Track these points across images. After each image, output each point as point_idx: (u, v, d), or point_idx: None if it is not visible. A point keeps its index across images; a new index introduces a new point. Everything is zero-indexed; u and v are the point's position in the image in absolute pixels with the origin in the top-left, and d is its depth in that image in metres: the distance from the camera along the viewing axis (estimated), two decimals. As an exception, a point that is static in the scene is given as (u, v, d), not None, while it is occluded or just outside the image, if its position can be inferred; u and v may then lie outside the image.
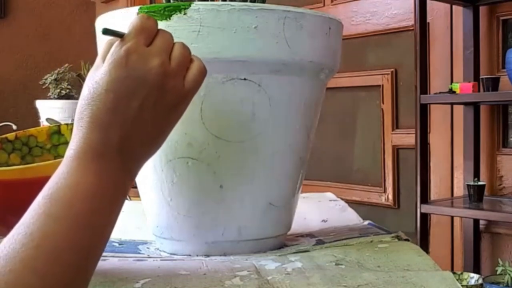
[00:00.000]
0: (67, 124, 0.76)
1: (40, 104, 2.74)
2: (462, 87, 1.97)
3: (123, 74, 0.50)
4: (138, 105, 0.51)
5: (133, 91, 0.50)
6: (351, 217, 0.95)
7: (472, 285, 1.82)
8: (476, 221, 2.14)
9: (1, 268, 0.42)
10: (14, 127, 2.31)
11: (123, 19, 0.66)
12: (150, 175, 0.70)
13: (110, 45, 0.53)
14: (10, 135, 0.73)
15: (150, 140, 0.53)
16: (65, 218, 0.46)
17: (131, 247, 0.76)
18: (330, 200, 1.07)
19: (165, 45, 0.53)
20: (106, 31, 0.52)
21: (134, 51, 0.51)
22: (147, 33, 0.53)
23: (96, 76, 0.51)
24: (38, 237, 0.44)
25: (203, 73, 0.55)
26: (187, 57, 0.54)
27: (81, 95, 0.51)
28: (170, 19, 0.63)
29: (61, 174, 0.48)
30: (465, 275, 1.89)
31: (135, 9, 0.65)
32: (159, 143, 0.54)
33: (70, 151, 0.50)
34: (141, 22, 0.53)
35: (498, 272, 1.95)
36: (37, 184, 0.56)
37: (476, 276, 1.87)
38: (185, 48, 0.55)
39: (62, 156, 0.75)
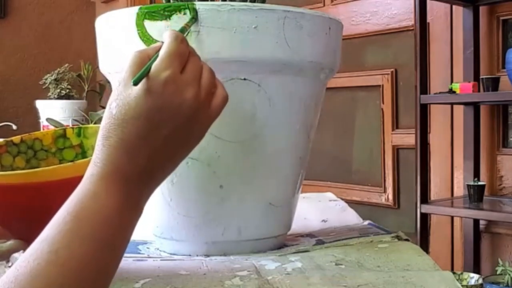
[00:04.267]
0: (72, 128, 0.76)
1: (40, 104, 2.74)
2: (462, 87, 1.97)
3: (158, 104, 0.50)
4: (167, 134, 0.51)
5: (165, 121, 0.51)
6: (351, 217, 0.95)
7: (472, 285, 1.82)
8: (476, 221, 2.14)
9: (26, 284, 0.43)
10: (14, 127, 2.31)
11: (123, 19, 0.66)
12: (150, 175, 0.70)
13: (140, 60, 0.52)
14: (16, 138, 0.73)
15: (169, 164, 0.54)
16: (92, 239, 0.47)
17: (131, 247, 0.76)
18: (330, 200, 1.07)
19: (197, 72, 0.53)
20: (137, 82, 0.50)
21: (172, 82, 0.51)
22: (182, 58, 0.53)
23: (128, 97, 0.51)
24: (64, 256, 0.45)
25: (226, 101, 0.56)
26: (214, 84, 0.55)
27: (107, 112, 0.51)
28: (170, 19, 0.63)
29: (88, 192, 0.49)
30: (465, 275, 1.89)
31: (135, 9, 0.65)
32: (176, 166, 0.55)
33: (96, 168, 0.50)
34: (176, 47, 0.53)
35: (498, 272, 1.95)
36: (42, 188, 0.56)
37: (476, 276, 1.87)
38: (212, 74, 0.55)
39: (67, 160, 0.75)
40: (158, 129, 0.51)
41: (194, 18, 0.63)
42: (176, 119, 0.51)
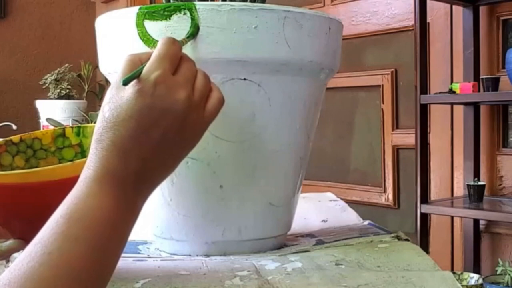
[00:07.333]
0: (72, 127, 0.76)
1: (40, 104, 2.74)
2: (462, 87, 1.97)
3: (149, 104, 0.50)
4: (160, 135, 0.51)
5: (156, 121, 0.51)
6: (351, 217, 0.95)
7: (472, 285, 1.82)
8: (476, 221, 2.14)
9: (20, 287, 0.43)
10: (14, 127, 2.31)
11: (123, 19, 0.66)
12: (150, 175, 0.70)
13: (132, 63, 0.52)
14: (15, 138, 0.73)
15: (165, 166, 0.54)
16: (84, 240, 0.46)
17: (131, 247, 0.76)
18: (330, 200, 1.07)
19: (190, 75, 0.53)
20: (126, 82, 0.50)
21: (163, 82, 0.51)
22: (173, 60, 0.53)
23: (120, 100, 0.51)
24: (57, 257, 0.45)
25: (221, 103, 0.56)
26: (208, 87, 0.55)
27: (100, 115, 0.51)
28: (170, 19, 0.63)
29: (80, 194, 0.49)
30: (465, 275, 1.89)
31: (135, 9, 0.65)
32: (173, 168, 0.55)
33: (89, 171, 0.50)
34: (167, 48, 0.53)
35: (498, 272, 1.95)
36: (41, 188, 0.56)
37: (476, 276, 1.87)
38: (206, 78, 0.55)
39: (67, 159, 0.75)
40: (150, 130, 0.51)
41: (193, 35, 0.62)
42: (168, 120, 0.51)
